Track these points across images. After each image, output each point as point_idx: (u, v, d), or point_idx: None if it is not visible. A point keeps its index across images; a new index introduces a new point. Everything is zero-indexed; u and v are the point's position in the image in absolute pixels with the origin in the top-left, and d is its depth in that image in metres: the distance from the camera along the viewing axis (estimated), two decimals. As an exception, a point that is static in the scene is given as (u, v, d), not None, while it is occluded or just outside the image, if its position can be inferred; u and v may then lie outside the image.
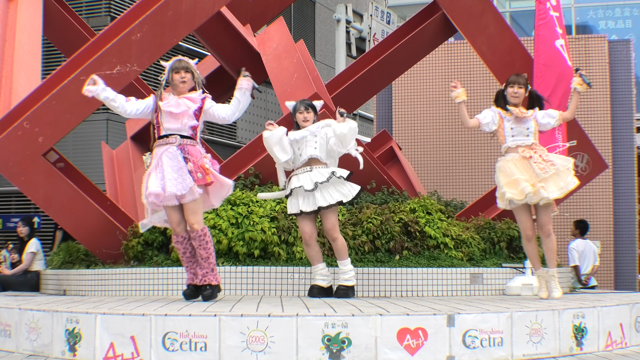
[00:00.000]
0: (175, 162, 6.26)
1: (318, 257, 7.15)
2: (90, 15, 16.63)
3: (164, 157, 6.27)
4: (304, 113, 7.04)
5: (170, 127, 6.35)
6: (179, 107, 6.36)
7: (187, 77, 6.50)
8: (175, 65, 6.51)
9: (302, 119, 7.05)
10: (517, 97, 7.09)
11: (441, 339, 5.21)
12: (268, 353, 5.04)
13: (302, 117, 7.04)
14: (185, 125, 6.37)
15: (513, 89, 7.09)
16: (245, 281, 7.65)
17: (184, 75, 6.47)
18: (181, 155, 6.29)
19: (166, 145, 6.32)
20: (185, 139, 6.37)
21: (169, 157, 6.28)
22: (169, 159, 6.27)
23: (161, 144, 6.35)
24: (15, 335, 5.90)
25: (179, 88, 6.47)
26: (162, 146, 6.34)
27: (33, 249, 11.21)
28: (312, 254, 7.13)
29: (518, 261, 8.63)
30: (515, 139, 7.03)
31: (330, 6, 24.38)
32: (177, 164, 6.26)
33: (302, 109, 7.07)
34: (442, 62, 13.09)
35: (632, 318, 6.37)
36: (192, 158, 6.30)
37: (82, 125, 9.35)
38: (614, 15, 21.57)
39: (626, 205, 12.58)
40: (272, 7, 11.14)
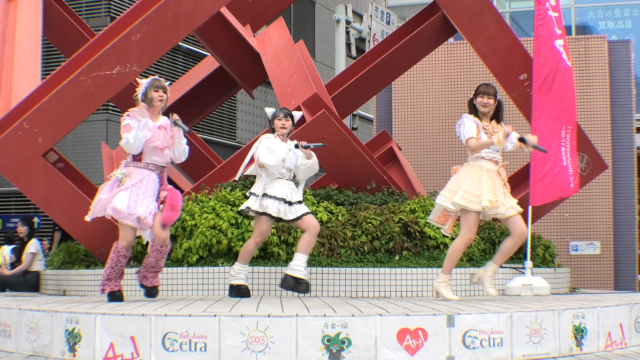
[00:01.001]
0: (152, 188, 6.61)
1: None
2: (90, 15, 16.63)
3: (145, 181, 6.59)
4: (283, 120, 7.18)
5: (155, 159, 6.68)
6: (164, 143, 6.67)
7: (164, 97, 6.74)
8: (155, 83, 6.71)
9: (280, 126, 7.17)
10: (486, 107, 6.95)
11: (441, 339, 5.21)
12: (268, 353, 5.04)
13: (281, 124, 7.17)
14: (166, 158, 6.75)
15: (483, 100, 6.94)
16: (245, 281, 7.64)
17: (162, 95, 6.72)
18: (158, 184, 6.69)
19: (148, 171, 6.64)
20: (163, 167, 6.77)
21: (150, 182, 6.61)
22: (148, 184, 6.60)
23: (142, 167, 6.63)
24: (15, 335, 5.90)
25: (154, 106, 6.69)
26: (142, 169, 6.63)
27: (33, 250, 11.21)
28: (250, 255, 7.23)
29: (517, 262, 8.64)
30: (489, 152, 6.89)
31: (330, 6, 24.39)
32: (154, 190, 6.63)
33: (281, 116, 7.21)
34: (442, 62, 13.09)
35: (632, 318, 6.37)
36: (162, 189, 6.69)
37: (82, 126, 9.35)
38: (614, 16, 21.57)
39: (626, 206, 12.58)
40: (271, 7, 11.15)
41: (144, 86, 6.71)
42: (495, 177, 6.88)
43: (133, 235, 6.64)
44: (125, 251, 6.66)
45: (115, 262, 6.67)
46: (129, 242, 6.64)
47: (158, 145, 6.63)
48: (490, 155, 6.93)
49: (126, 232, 6.60)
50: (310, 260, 7.81)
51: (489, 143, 6.81)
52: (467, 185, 6.79)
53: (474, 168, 6.88)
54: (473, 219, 6.81)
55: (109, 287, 6.71)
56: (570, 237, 12.43)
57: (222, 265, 7.74)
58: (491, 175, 6.85)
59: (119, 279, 6.75)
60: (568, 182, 8.66)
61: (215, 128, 19.57)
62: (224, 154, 14.56)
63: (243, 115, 20.78)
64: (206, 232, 7.76)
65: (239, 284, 7.21)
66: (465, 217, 6.81)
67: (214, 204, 7.99)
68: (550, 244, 9.42)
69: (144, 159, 6.65)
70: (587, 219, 12.37)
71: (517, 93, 9.08)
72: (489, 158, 6.92)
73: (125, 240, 6.63)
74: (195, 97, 10.86)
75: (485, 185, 6.78)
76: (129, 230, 6.58)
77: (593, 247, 12.49)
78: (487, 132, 6.93)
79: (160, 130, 6.67)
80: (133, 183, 6.53)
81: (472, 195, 6.75)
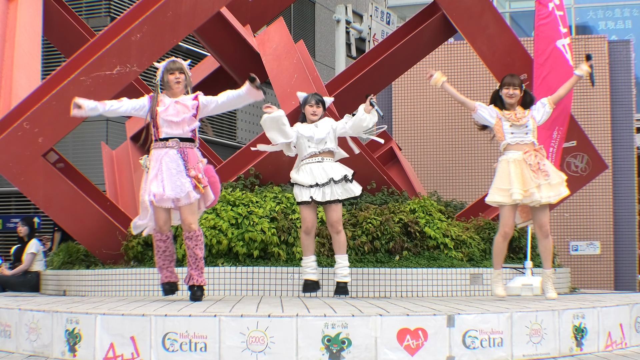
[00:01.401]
0: (175, 165, 6.39)
1: (312, 247, 7.14)
2: (90, 15, 16.64)
3: (164, 161, 6.39)
4: (314, 107, 7.08)
5: (171, 132, 6.47)
6: (179, 116, 6.47)
7: (181, 78, 6.58)
8: (169, 66, 6.58)
9: (311, 112, 7.08)
10: (512, 98, 7.09)
11: (441, 339, 5.21)
12: (268, 353, 5.03)
13: (312, 110, 7.07)
14: (187, 131, 6.51)
15: (509, 91, 7.09)
16: (245, 281, 7.66)
17: (178, 76, 6.56)
18: (181, 159, 6.43)
19: (165, 149, 6.43)
20: (185, 141, 6.49)
21: (169, 160, 6.40)
22: (169, 163, 6.39)
23: (160, 147, 6.46)
24: (15, 335, 5.90)
25: (173, 89, 6.56)
26: (161, 149, 6.45)
27: (33, 250, 11.21)
28: (308, 243, 7.10)
29: (518, 261, 8.64)
30: (515, 137, 7.05)
31: (330, 6, 24.39)
32: (177, 167, 6.39)
33: (312, 102, 7.10)
34: (442, 62, 13.09)
35: (632, 318, 6.37)
36: (190, 165, 6.43)
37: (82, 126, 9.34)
38: (614, 16, 21.57)
39: (626, 206, 12.58)
40: (271, 7, 11.15)
41: (160, 71, 6.61)
42: (524, 166, 6.97)
43: (164, 219, 6.45)
44: (160, 235, 6.50)
45: (156, 249, 6.55)
46: (160, 225, 6.46)
47: (171, 120, 6.44)
48: (516, 140, 7.03)
49: (157, 215, 6.44)
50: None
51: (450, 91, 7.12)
52: (497, 182, 7.01)
53: (501, 163, 7.06)
54: (507, 212, 6.99)
55: (161, 278, 6.63)
56: (570, 237, 12.43)
57: (222, 266, 7.74)
58: (519, 165, 6.97)
59: (168, 267, 6.60)
60: None
61: (215, 128, 19.58)
62: (224, 154, 14.55)
63: (243, 115, 20.79)
64: (206, 232, 7.76)
65: (305, 279, 7.16)
66: (500, 211, 7.04)
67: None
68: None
69: (161, 134, 6.45)
70: (587, 219, 12.37)
71: (517, 93, 9.06)
72: (515, 142, 7.02)
73: (157, 224, 6.48)
74: (195, 97, 10.83)
75: (514, 177, 6.92)
76: (159, 212, 6.42)
77: (593, 247, 12.49)
78: (509, 120, 7.05)
79: (177, 105, 6.50)
80: (156, 167, 6.38)
81: (503, 191, 6.95)
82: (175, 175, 6.37)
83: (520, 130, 7.04)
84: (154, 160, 6.44)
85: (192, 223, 6.41)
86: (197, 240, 6.45)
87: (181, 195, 6.35)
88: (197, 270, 6.49)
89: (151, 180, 6.39)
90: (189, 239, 6.44)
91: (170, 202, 6.38)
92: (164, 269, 6.61)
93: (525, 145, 7.03)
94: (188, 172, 6.40)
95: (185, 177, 6.38)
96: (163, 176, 6.35)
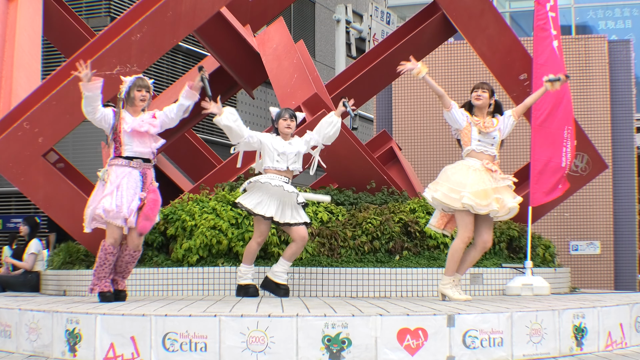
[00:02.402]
0: (134, 186, 6.56)
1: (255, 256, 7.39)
2: (90, 15, 16.64)
3: (125, 181, 6.54)
4: (288, 121, 7.29)
5: (137, 149, 6.62)
6: (142, 126, 6.60)
7: (147, 97, 6.71)
8: (138, 82, 6.68)
9: (285, 126, 7.27)
10: (479, 100, 7.01)
11: (441, 339, 5.21)
12: (268, 353, 5.04)
13: (286, 124, 7.27)
14: (152, 148, 6.69)
15: (477, 93, 7.05)
16: (245, 281, 7.64)
17: (144, 94, 6.68)
18: (141, 181, 6.62)
19: (129, 169, 6.60)
20: (146, 162, 6.68)
21: (131, 180, 6.57)
22: (130, 183, 6.55)
23: (122, 165, 6.60)
24: (15, 335, 5.90)
25: (136, 106, 6.68)
26: (123, 167, 6.59)
27: (34, 250, 11.20)
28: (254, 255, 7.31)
29: (518, 261, 8.64)
30: (481, 145, 6.95)
31: (330, 6, 24.39)
32: (135, 189, 6.57)
33: (286, 117, 7.31)
34: (442, 62, 13.09)
35: (632, 318, 6.37)
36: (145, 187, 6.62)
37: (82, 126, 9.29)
38: (614, 16, 21.58)
39: (626, 206, 12.58)
40: (271, 7, 11.14)
41: (127, 85, 6.68)
42: (484, 174, 6.85)
43: (120, 234, 6.61)
44: (112, 249, 6.62)
45: (104, 261, 6.63)
46: (115, 239, 6.60)
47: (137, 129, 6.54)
48: (481, 148, 6.96)
49: (113, 230, 6.58)
50: (310, 260, 7.82)
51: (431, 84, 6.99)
52: (452, 182, 6.86)
53: (460, 166, 6.95)
54: (467, 217, 6.79)
55: (98, 287, 6.66)
56: (570, 237, 12.43)
57: (223, 266, 7.74)
58: (478, 173, 6.84)
59: (108, 278, 6.72)
60: (560, 182, 8.67)
61: (215, 128, 19.57)
62: (224, 154, 14.54)
63: (243, 115, 20.78)
64: (206, 233, 7.76)
65: (247, 284, 7.26)
66: (460, 216, 6.82)
67: (214, 204, 7.99)
68: (550, 244, 9.42)
69: (124, 152, 6.59)
70: (587, 218, 12.37)
71: (517, 93, 9.07)
72: (480, 151, 6.94)
73: (112, 237, 6.60)
74: (195, 97, 10.83)
75: (471, 182, 6.78)
76: (115, 228, 6.57)
77: (593, 247, 12.49)
78: (478, 126, 6.97)
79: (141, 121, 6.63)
80: (116, 183, 6.51)
81: (454, 192, 6.79)
82: (132, 196, 6.54)
83: (486, 140, 6.98)
84: (114, 176, 6.55)
85: (140, 244, 6.71)
86: (136, 258, 6.79)
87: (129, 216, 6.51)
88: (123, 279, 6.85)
89: (105, 195, 6.50)
90: (131, 256, 6.73)
91: (122, 221, 6.51)
92: (103, 279, 6.68)
93: (487, 156, 6.96)
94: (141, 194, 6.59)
95: (137, 200, 6.56)
96: (122, 194, 6.49)
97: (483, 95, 7.03)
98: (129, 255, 6.72)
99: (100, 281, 6.66)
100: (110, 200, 6.47)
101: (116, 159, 6.62)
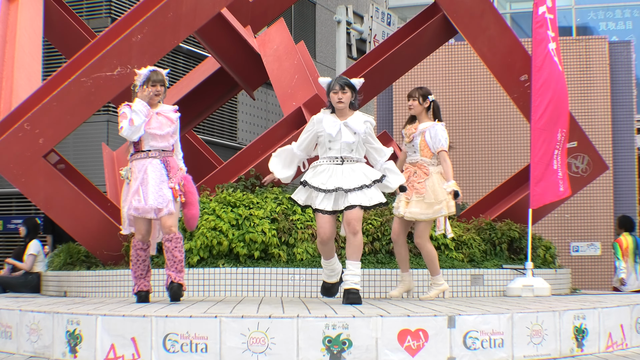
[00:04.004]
0: (158, 175, 6.43)
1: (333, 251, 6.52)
2: (90, 16, 16.64)
3: (148, 170, 6.42)
4: (339, 93, 6.24)
5: (155, 145, 6.50)
6: (162, 129, 6.50)
7: (161, 91, 6.60)
8: (152, 77, 6.56)
9: (336, 100, 6.25)
10: (410, 110, 7.22)
11: (442, 340, 5.21)
12: (269, 354, 5.04)
13: (337, 97, 6.24)
14: (169, 144, 6.57)
15: (408, 102, 7.22)
16: (246, 282, 7.66)
17: (159, 89, 6.58)
18: (164, 169, 6.48)
19: (149, 159, 6.47)
20: (165, 151, 6.55)
21: (153, 169, 6.44)
22: (152, 173, 6.42)
23: (142, 157, 6.49)
24: (16, 336, 5.90)
25: (151, 100, 6.55)
26: (143, 159, 6.48)
27: (33, 251, 11.21)
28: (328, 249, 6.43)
29: (519, 262, 8.63)
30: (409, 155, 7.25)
31: (330, 7, 24.39)
32: (160, 177, 6.43)
33: (336, 88, 6.26)
34: (443, 63, 13.09)
35: (632, 319, 6.37)
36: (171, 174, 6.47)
37: (83, 127, 9.35)
38: (615, 17, 21.58)
39: (627, 206, 12.58)
40: (272, 8, 11.15)
41: (141, 79, 6.57)
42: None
43: (146, 228, 6.48)
44: (141, 244, 6.51)
45: (136, 258, 6.53)
46: (143, 234, 6.48)
47: (155, 133, 6.45)
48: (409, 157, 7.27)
49: (140, 226, 6.47)
50: (310, 261, 7.81)
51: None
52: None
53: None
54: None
55: (136, 287, 6.59)
56: (571, 238, 12.43)
57: (223, 267, 7.74)
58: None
59: (145, 277, 6.58)
60: (557, 185, 8.67)
61: (216, 129, 19.57)
62: (224, 155, 14.55)
63: (244, 116, 20.78)
64: (207, 234, 7.76)
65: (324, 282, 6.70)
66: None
67: (215, 205, 7.99)
68: (551, 245, 9.42)
69: (144, 146, 6.48)
70: (587, 219, 12.37)
71: (517, 94, 9.08)
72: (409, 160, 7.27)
73: (140, 233, 6.48)
74: (196, 98, 10.85)
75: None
76: (142, 223, 6.46)
77: (594, 248, 12.49)
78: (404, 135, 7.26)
79: (159, 117, 6.53)
80: (139, 178, 6.39)
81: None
82: (159, 184, 6.39)
83: (410, 148, 7.20)
84: (136, 171, 6.46)
85: (172, 226, 6.39)
86: (176, 242, 6.42)
87: (163, 205, 6.36)
88: (176, 271, 6.41)
89: (133, 194, 6.41)
90: (169, 241, 6.41)
91: (153, 213, 6.38)
92: (140, 278, 6.59)
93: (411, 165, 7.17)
94: (170, 182, 6.44)
95: (167, 188, 6.41)
96: (147, 187, 6.37)
97: (413, 105, 7.20)
98: (167, 240, 6.40)
99: (138, 280, 6.57)
100: (138, 197, 6.36)
101: (135, 153, 6.51)
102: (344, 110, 6.32)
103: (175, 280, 6.38)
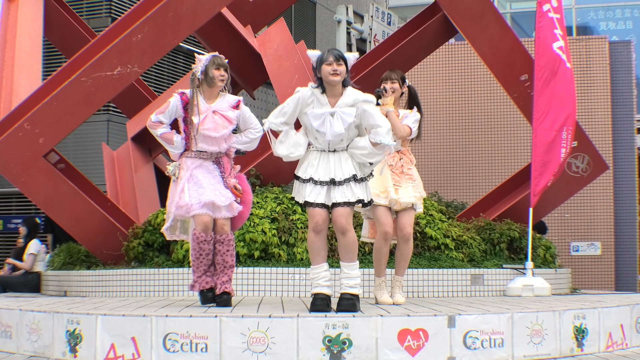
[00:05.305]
0: (212, 177, 5.95)
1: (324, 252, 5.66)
2: (90, 16, 16.63)
3: (200, 173, 5.93)
4: (334, 64, 5.50)
5: (207, 148, 5.99)
6: (218, 130, 5.93)
7: (226, 77, 6.03)
8: (217, 61, 5.99)
9: (330, 72, 5.49)
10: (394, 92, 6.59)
11: (442, 339, 5.21)
12: (269, 354, 5.04)
13: (331, 69, 5.49)
14: (223, 148, 6.07)
15: (387, 85, 6.61)
16: (246, 282, 7.66)
17: (223, 74, 6.01)
18: (217, 170, 6.01)
19: (200, 160, 5.98)
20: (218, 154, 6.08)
21: (205, 172, 5.96)
22: (205, 174, 5.94)
23: (193, 157, 5.98)
24: (16, 336, 5.90)
25: (216, 86, 5.99)
26: (194, 159, 5.98)
27: (33, 250, 11.20)
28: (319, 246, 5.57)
29: (519, 262, 8.64)
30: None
31: (331, 7, 24.39)
32: (214, 177, 5.96)
33: (330, 59, 5.50)
34: (443, 63, 13.09)
35: (632, 319, 6.37)
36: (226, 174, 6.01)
37: (83, 126, 9.35)
38: (615, 17, 21.57)
39: (627, 206, 12.58)
40: (272, 8, 11.15)
41: (203, 63, 5.98)
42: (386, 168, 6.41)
43: (209, 218, 5.83)
44: (204, 235, 5.82)
45: (198, 252, 5.89)
46: (205, 225, 5.81)
47: (209, 135, 5.89)
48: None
49: (199, 218, 5.83)
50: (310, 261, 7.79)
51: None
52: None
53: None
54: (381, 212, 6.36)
55: (198, 285, 5.99)
56: (571, 237, 12.43)
57: (223, 266, 7.73)
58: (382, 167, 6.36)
59: (207, 273, 5.98)
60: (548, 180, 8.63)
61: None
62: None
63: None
64: (207, 233, 7.75)
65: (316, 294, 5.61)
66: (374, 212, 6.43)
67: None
68: (551, 245, 9.42)
69: (193, 147, 5.96)
70: (588, 219, 12.37)
71: (518, 94, 9.08)
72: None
73: (201, 224, 5.82)
74: (196, 97, 10.84)
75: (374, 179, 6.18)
76: (201, 216, 5.83)
77: (594, 248, 12.49)
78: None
79: (215, 116, 5.94)
80: (187, 176, 5.87)
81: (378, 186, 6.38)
82: (215, 184, 5.92)
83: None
84: (184, 169, 5.95)
85: (225, 225, 5.92)
86: (228, 245, 5.93)
87: (225, 203, 5.87)
88: (227, 279, 5.94)
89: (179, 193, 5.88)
90: (220, 243, 5.90)
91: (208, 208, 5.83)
92: (203, 275, 5.99)
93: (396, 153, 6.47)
94: (226, 182, 5.98)
95: (225, 189, 5.93)
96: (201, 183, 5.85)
97: (393, 87, 6.58)
98: (218, 242, 5.88)
99: (200, 277, 5.98)
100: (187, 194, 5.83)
101: (186, 151, 5.99)
102: (336, 87, 5.57)
103: (226, 291, 5.91)
